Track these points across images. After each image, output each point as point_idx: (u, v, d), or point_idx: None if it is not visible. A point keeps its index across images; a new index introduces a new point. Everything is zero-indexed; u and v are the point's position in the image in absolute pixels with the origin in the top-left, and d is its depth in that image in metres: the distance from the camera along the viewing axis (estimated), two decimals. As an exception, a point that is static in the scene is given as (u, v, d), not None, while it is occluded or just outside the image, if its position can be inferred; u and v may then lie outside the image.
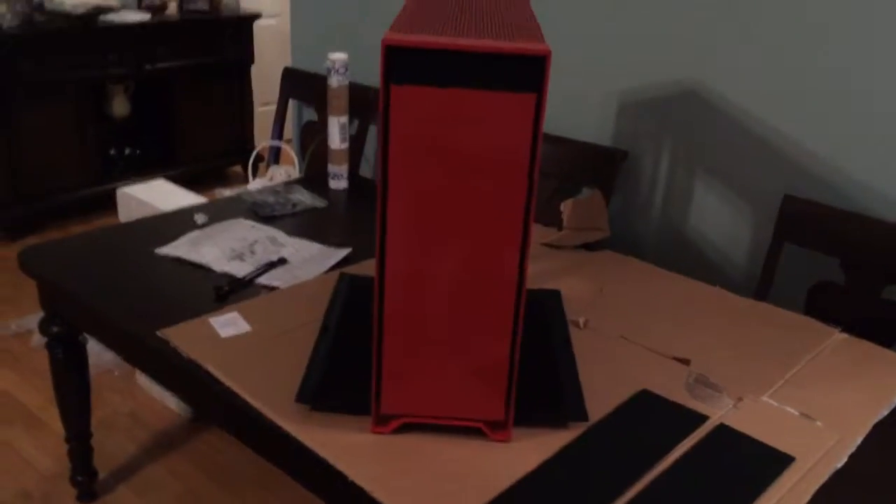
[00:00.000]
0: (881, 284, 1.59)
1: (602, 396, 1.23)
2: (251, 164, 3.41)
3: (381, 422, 1.12)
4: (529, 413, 1.15)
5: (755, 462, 1.10)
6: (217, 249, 1.65)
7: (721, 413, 1.21)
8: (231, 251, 1.65)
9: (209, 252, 1.64)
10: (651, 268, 1.71)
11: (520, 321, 1.05)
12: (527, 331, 1.28)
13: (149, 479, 1.99)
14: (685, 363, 1.34)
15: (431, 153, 0.97)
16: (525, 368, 1.17)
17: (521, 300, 1.04)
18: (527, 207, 1.00)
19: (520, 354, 1.08)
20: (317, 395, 1.18)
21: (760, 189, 1.78)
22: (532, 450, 1.10)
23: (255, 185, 2.28)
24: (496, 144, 0.97)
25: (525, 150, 0.97)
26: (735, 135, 1.78)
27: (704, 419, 1.19)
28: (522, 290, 1.03)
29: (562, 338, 1.39)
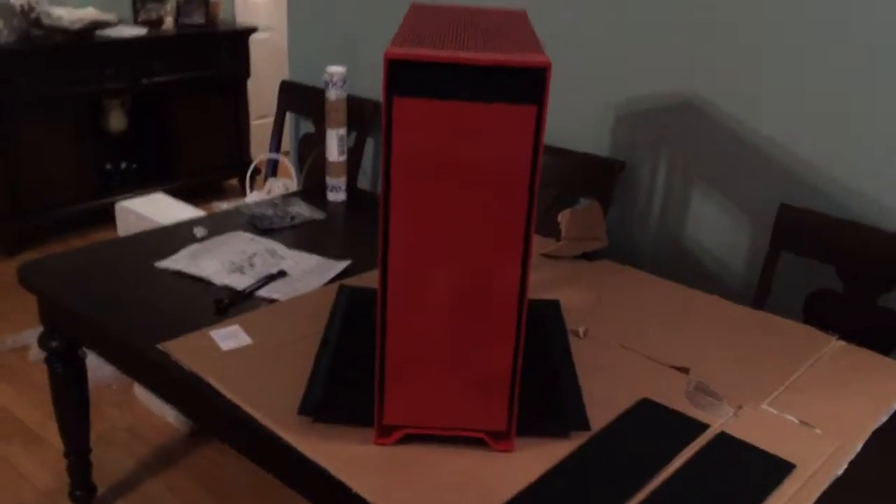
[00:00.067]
0: (878, 292, 1.60)
1: (603, 405, 1.23)
2: (248, 177, 3.41)
3: (384, 433, 1.12)
4: (531, 423, 1.15)
5: (756, 470, 1.11)
6: (217, 262, 1.66)
7: (721, 421, 1.22)
8: (231, 264, 1.66)
9: (209, 265, 1.64)
10: (649, 277, 1.72)
11: (521, 332, 1.06)
12: (527, 341, 1.29)
13: (147, 494, 1.98)
14: (684, 371, 1.34)
15: (433, 165, 0.98)
16: (526, 378, 1.18)
17: (523, 311, 1.04)
18: (528, 218, 1.00)
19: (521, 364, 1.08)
20: (319, 407, 1.18)
21: (757, 198, 1.79)
22: (534, 460, 1.11)
23: (253, 198, 2.28)
24: (497, 156, 0.97)
25: (526, 162, 0.98)
26: (731, 145, 1.79)
27: (705, 427, 1.20)
28: (524, 301, 1.04)
29: (562, 347, 1.39)
